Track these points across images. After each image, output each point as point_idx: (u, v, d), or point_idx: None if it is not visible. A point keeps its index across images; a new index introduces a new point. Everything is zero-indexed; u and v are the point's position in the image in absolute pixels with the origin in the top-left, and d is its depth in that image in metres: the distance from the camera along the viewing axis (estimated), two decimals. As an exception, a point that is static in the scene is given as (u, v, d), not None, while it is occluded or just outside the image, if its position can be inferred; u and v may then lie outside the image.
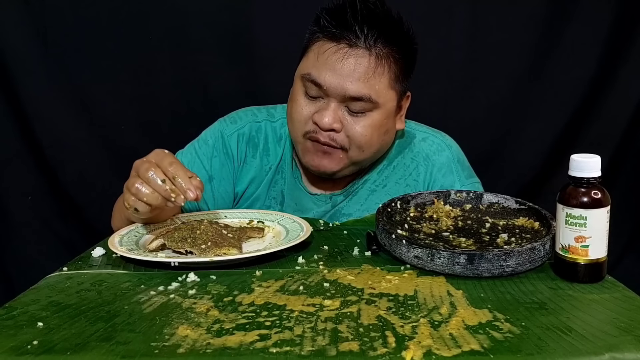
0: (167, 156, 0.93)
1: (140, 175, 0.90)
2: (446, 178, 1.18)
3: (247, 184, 1.20)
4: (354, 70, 1.03)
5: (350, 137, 1.07)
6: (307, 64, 1.08)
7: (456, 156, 1.21)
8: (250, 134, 1.20)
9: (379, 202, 1.14)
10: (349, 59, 1.03)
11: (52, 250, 1.68)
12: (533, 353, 0.61)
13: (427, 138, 1.22)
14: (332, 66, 1.03)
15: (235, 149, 1.19)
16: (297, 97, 1.09)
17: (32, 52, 1.59)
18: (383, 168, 1.19)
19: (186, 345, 0.62)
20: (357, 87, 1.03)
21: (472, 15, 1.65)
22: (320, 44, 1.06)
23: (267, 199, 1.20)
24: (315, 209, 1.19)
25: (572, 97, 1.70)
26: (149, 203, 0.90)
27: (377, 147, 1.11)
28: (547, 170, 1.72)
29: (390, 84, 1.07)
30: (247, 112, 1.23)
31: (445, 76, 1.67)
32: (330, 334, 0.65)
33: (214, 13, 1.61)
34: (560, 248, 0.81)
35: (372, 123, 1.07)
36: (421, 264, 0.84)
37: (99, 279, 0.83)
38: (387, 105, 1.08)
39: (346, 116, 1.06)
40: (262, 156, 1.20)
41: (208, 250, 0.89)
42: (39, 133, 1.62)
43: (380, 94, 1.05)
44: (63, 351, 0.62)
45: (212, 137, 1.20)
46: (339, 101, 1.05)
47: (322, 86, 1.04)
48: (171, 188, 0.89)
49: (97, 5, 1.59)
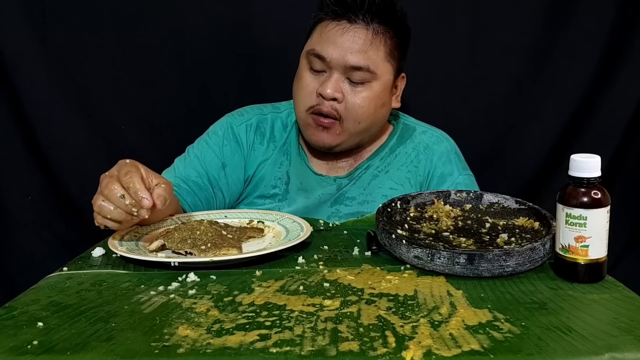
0: (125, 166, 0.90)
1: (101, 191, 0.88)
2: (446, 166, 1.26)
3: (256, 167, 1.26)
4: (353, 42, 1.13)
5: (348, 108, 1.15)
6: (311, 42, 1.18)
7: (454, 148, 1.30)
8: (258, 124, 1.28)
9: (381, 186, 1.24)
10: (349, 32, 1.13)
11: (52, 250, 1.67)
12: (533, 353, 0.61)
13: (426, 131, 1.31)
14: (334, 40, 1.13)
15: (244, 136, 1.26)
16: (302, 73, 1.18)
17: (32, 52, 1.59)
18: (385, 155, 1.27)
19: (186, 345, 0.62)
20: (357, 58, 1.13)
21: (472, 15, 1.65)
22: (324, 24, 1.16)
23: (273, 179, 1.25)
24: (320, 190, 1.24)
25: (572, 97, 1.70)
26: (114, 220, 0.88)
27: (372, 119, 1.18)
28: (547, 170, 1.72)
29: (386, 57, 1.16)
30: (253, 107, 1.32)
31: (445, 76, 1.67)
32: (330, 334, 0.65)
33: (214, 13, 1.61)
34: (560, 248, 0.81)
35: (370, 94, 1.15)
36: (421, 264, 0.84)
37: (99, 279, 0.83)
38: (384, 77, 1.17)
39: (347, 87, 1.15)
40: (269, 142, 1.27)
41: (208, 251, 0.89)
42: (39, 133, 1.62)
43: (378, 65, 1.14)
44: (63, 351, 0.62)
45: (221, 128, 1.27)
46: (341, 72, 1.14)
47: (325, 58, 1.14)
48: (131, 202, 0.86)
49: (97, 5, 1.58)
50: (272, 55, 1.61)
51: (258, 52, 1.62)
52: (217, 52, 1.62)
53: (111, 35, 1.60)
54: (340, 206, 1.23)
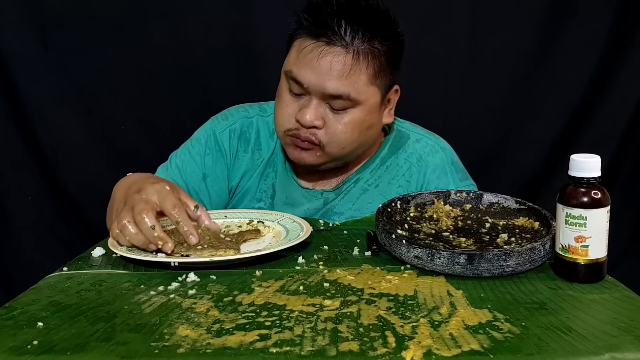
0: (170, 196, 0.91)
1: (134, 214, 0.89)
2: (440, 180, 1.18)
3: (240, 177, 1.20)
4: (331, 68, 1.03)
5: (330, 134, 1.07)
6: (289, 60, 1.09)
7: (450, 158, 1.21)
8: (242, 129, 1.21)
9: (371, 202, 1.16)
10: (326, 57, 1.03)
11: (52, 250, 1.68)
12: (533, 353, 0.61)
13: (421, 139, 1.22)
14: (310, 64, 1.04)
15: (227, 144, 1.19)
16: (282, 94, 1.10)
17: (32, 53, 1.59)
18: (376, 167, 1.19)
19: (186, 345, 0.62)
20: (336, 85, 1.03)
21: (472, 15, 1.65)
22: (301, 41, 1.06)
23: (258, 192, 1.20)
24: (306, 204, 1.18)
25: (572, 97, 1.70)
26: (132, 242, 0.89)
27: (358, 143, 1.11)
28: (547, 170, 1.72)
29: (370, 80, 1.06)
30: (238, 108, 1.24)
31: (445, 76, 1.67)
32: (330, 334, 0.65)
33: (214, 13, 1.61)
34: (560, 248, 0.81)
35: (353, 120, 1.07)
36: (421, 264, 0.84)
37: (99, 279, 0.83)
38: (369, 101, 1.08)
39: (328, 113, 1.07)
40: (254, 150, 1.21)
41: (204, 250, 0.88)
42: (39, 133, 1.62)
43: (360, 91, 1.05)
44: (63, 351, 0.61)
45: (204, 135, 1.21)
46: (320, 98, 1.06)
47: (303, 84, 1.05)
48: (160, 235, 0.87)
49: (97, 5, 1.59)
50: (272, 55, 1.60)
51: (258, 52, 1.62)
52: (217, 52, 1.63)
53: (111, 35, 1.60)
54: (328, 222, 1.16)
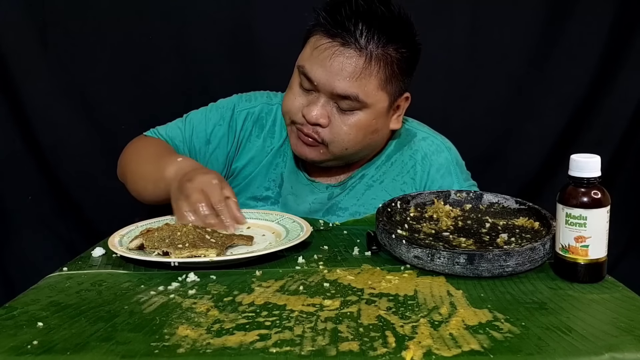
0: (217, 190, 0.99)
1: (190, 203, 0.98)
2: (445, 179, 1.19)
3: (246, 162, 1.22)
4: (342, 69, 1.04)
5: (334, 134, 1.08)
6: (303, 55, 1.10)
7: (455, 158, 1.22)
8: (260, 114, 1.23)
9: (375, 198, 1.17)
10: (339, 57, 1.04)
11: (52, 250, 1.67)
12: (533, 353, 0.61)
13: (427, 138, 1.23)
14: (323, 62, 1.05)
15: (240, 125, 1.22)
16: (293, 87, 1.12)
17: (32, 52, 1.59)
18: (381, 164, 1.20)
19: (186, 345, 0.62)
20: (345, 86, 1.04)
21: (472, 15, 1.65)
22: (316, 38, 1.07)
23: (266, 180, 1.21)
24: (310, 197, 1.19)
25: (572, 97, 1.70)
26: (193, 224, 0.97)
27: (362, 145, 1.12)
28: (547, 170, 1.72)
29: (380, 85, 1.07)
30: (263, 94, 1.27)
31: (446, 76, 1.67)
32: (330, 334, 0.65)
33: (214, 13, 1.61)
34: (560, 248, 0.81)
35: (359, 122, 1.08)
36: (421, 264, 0.84)
37: (99, 279, 0.83)
38: (377, 106, 1.08)
39: (335, 113, 1.08)
40: (266, 137, 1.22)
41: (184, 249, 0.86)
42: (39, 133, 1.62)
43: (369, 94, 1.06)
44: (63, 351, 0.61)
45: (224, 106, 1.23)
46: (328, 97, 1.07)
47: (313, 81, 1.06)
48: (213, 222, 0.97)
49: (97, 5, 1.59)
50: (272, 55, 1.61)
51: (258, 52, 1.62)
52: (217, 52, 1.63)
53: (111, 35, 1.60)
54: (332, 217, 1.17)
